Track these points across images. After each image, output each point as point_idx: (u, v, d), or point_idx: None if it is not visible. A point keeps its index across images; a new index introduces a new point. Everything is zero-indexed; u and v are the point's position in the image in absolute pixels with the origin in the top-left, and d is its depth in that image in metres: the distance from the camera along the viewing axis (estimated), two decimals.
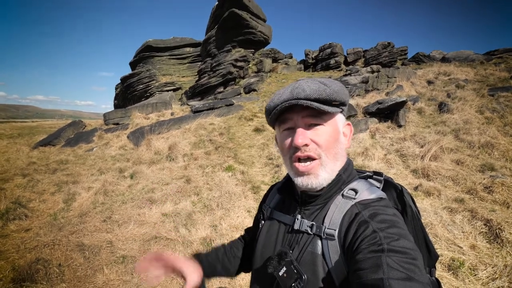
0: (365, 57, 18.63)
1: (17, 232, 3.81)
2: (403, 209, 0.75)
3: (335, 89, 0.70)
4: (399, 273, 0.51)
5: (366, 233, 0.60)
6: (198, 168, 5.91)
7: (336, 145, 0.73)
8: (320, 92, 0.68)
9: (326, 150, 0.71)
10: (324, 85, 0.70)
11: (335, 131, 0.73)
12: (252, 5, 15.01)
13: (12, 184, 5.57)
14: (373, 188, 0.74)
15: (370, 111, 7.54)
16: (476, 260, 2.88)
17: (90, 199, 4.89)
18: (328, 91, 0.68)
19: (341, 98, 0.71)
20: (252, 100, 11.43)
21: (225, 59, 14.61)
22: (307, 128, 0.72)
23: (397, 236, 0.57)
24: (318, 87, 0.69)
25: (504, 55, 14.02)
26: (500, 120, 6.75)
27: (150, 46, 19.41)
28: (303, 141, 0.70)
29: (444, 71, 11.14)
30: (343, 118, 0.77)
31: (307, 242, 0.72)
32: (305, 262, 0.69)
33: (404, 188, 0.78)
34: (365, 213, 0.66)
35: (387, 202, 0.71)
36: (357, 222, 0.65)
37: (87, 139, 8.99)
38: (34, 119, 38.50)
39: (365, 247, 0.58)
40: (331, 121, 0.73)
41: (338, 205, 0.72)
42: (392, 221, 0.62)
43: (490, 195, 4.07)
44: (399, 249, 0.55)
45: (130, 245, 3.48)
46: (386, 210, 0.66)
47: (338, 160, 0.74)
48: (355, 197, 0.71)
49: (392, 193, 0.79)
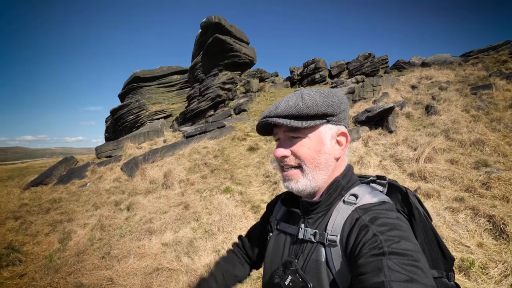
0: (349, 69, 19.21)
1: (11, 279, 3.61)
2: (410, 212, 0.74)
3: (308, 104, 0.70)
4: (401, 275, 0.50)
5: (367, 237, 0.60)
6: (196, 193, 5.83)
7: (318, 155, 0.73)
8: (290, 109, 0.70)
9: (305, 160, 0.73)
10: (301, 99, 0.72)
11: (317, 142, 0.73)
12: (234, 29, 15.50)
13: (4, 228, 5.36)
14: (375, 192, 0.74)
15: (360, 120, 7.67)
16: (485, 258, 2.84)
17: (87, 236, 4.73)
18: (299, 107, 0.70)
19: (318, 110, 0.70)
20: (243, 120, 11.52)
21: (212, 83, 14.84)
22: (288, 139, 0.75)
23: (398, 238, 0.57)
24: (293, 102, 0.71)
25: (480, 55, 14.62)
26: (486, 116, 6.94)
27: (138, 77, 19.65)
28: (280, 153, 0.75)
29: (425, 75, 11.51)
30: (333, 128, 0.75)
31: (311, 250, 0.71)
32: (310, 270, 0.69)
33: (409, 190, 0.78)
34: (365, 217, 0.66)
35: (390, 205, 0.71)
36: (357, 227, 0.65)
37: (79, 175, 8.83)
38: (24, 159, 37.74)
39: (366, 251, 0.58)
40: (314, 133, 0.73)
41: (340, 211, 0.72)
42: (393, 224, 0.61)
43: (488, 191, 4.09)
44: (400, 251, 0.54)
45: (131, 280, 3.33)
46: (387, 214, 0.65)
47: (322, 170, 0.74)
48: (355, 202, 0.71)
49: (397, 196, 0.78)
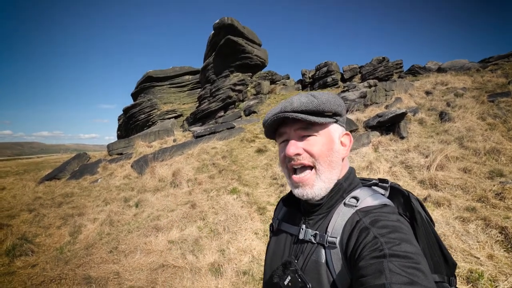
0: (361, 73, 18.96)
1: (24, 269, 3.75)
2: (411, 216, 0.73)
3: (323, 100, 0.72)
4: (402, 277, 0.50)
5: (367, 239, 0.61)
6: (203, 193, 5.88)
7: (330, 153, 0.74)
8: (307, 104, 0.71)
9: (319, 158, 0.73)
10: (313, 97, 0.73)
11: (329, 140, 0.75)
12: (247, 31, 15.60)
13: (18, 220, 5.56)
14: (377, 195, 0.74)
15: (370, 125, 7.57)
16: (495, 271, 2.76)
17: (96, 230, 4.85)
18: (315, 103, 0.71)
19: (331, 108, 0.73)
20: (253, 122, 11.56)
21: (223, 84, 14.97)
22: (300, 139, 0.75)
23: (399, 240, 0.57)
24: (307, 100, 0.72)
25: (499, 62, 14.14)
26: (503, 125, 6.73)
27: (150, 76, 20.03)
28: (294, 151, 0.73)
29: (441, 81, 11.26)
30: (339, 128, 0.78)
31: (311, 251, 0.72)
32: (310, 271, 0.69)
33: (411, 194, 0.77)
34: (365, 220, 0.66)
35: (391, 208, 0.71)
36: (358, 230, 0.65)
37: (91, 171, 9.05)
38: (39, 154, 38.85)
39: (366, 253, 0.58)
40: (324, 131, 0.75)
41: (340, 213, 0.72)
42: (394, 227, 0.62)
43: (502, 201, 3.97)
44: (401, 253, 0.54)
45: (137, 275, 3.40)
46: (388, 216, 0.65)
47: (335, 169, 0.75)
48: (356, 205, 0.72)
49: (399, 200, 0.78)
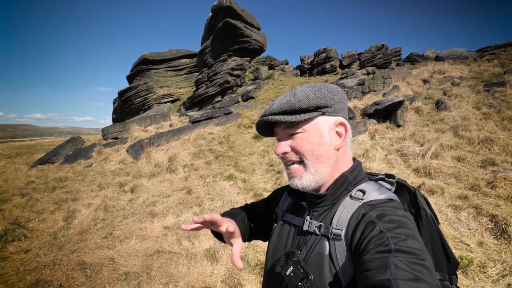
0: (360, 60, 18.80)
1: (16, 254, 3.73)
2: (416, 212, 0.74)
3: (300, 98, 0.74)
4: (407, 273, 0.50)
5: (373, 233, 0.60)
6: (199, 179, 5.87)
7: (317, 147, 0.75)
8: (283, 105, 0.75)
9: (305, 153, 0.75)
10: (293, 95, 0.76)
11: (315, 134, 0.76)
12: (246, 14, 15.19)
13: (10, 204, 5.51)
14: (383, 189, 0.74)
15: (368, 113, 7.54)
16: (484, 257, 2.83)
17: (91, 215, 4.84)
18: (291, 102, 0.74)
19: (310, 103, 0.73)
20: (250, 107, 11.45)
21: (221, 69, 14.70)
22: (288, 137, 0.79)
23: (405, 236, 0.57)
24: (287, 99, 0.75)
25: (496, 51, 14.12)
26: (498, 115, 6.76)
27: (146, 59, 19.57)
28: (280, 150, 0.78)
29: (438, 69, 11.21)
30: (328, 119, 0.77)
31: (314, 243, 0.72)
32: (312, 262, 0.69)
33: (417, 191, 0.77)
34: (372, 213, 0.66)
35: (397, 203, 0.71)
36: (364, 223, 0.65)
37: (86, 155, 8.96)
38: (32, 137, 38.34)
39: (372, 247, 0.58)
40: (309, 126, 0.76)
41: (346, 206, 0.72)
42: (400, 222, 0.61)
43: (493, 190, 4.03)
44: (407, 249, 0.54)
45: (132, 261, 3.42)
46: (394, 211, 0.65)
47: (323, 162, 0.76)
48: (362, 198, 0.71)
49: (405, 196, 0.78)
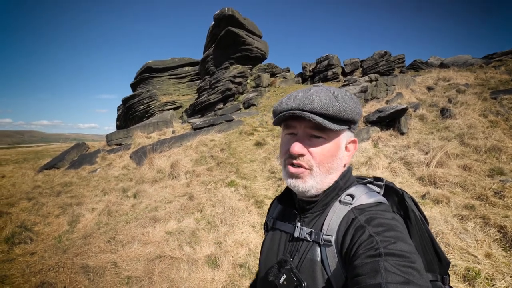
0: (363, 67, 18.80)
1: (22, 256, 3.77)
2: (405, 214, 0.74)
3: (345, 107, 0.67)
4: (398, 276, 0.50)
5: (363, 238, 0.60)
6: (201, 185, 5.87)
7: (332, 160, 0.72)
8: (327, 108, 0.65)
9: (319, 163, 0.70)
10: (335, 99, 0.67)
11: (335, 147, 0.71)
12: (247, 22, 15.37)
13: (17, 208, 5.57)
14: (372, 193, 0.73)
15: (371, 120, 7.51)
16: (492, 270, 2.75)
17: (94, 220, 4.85)
18: (336, 108, 0.66)
19: (351, 116, 0.68)
20: (252, 114, 11.49)
21: (223, 76, 14.83)
22: (307, 138, 0.71)
23: (394, 239, 0.56)
24: (329, 101, 0.66)
25: (503, 58, 13.98)
26: (505, 123, 6.68)
27: (150, 67, 19.86)
28: (298, 151, 0.69)
29: (443, 76, 11.14)
30: (349, 135, 0.74)
31: (306, 249, 0.71)
32: (305, 269, 0.68)
33: (405, 193, 0.77)
34: (361, 218, 0.65)
35: (386, 206, 0.70)
36: (353, 228, 0.64)
37: (90, 161, 9.03)
38: (39, 143, 38.85)
39: (362, 252, 0.57)
40: (334, 136, 0.71)
41: (336, 211, 0.71)
42: (390, 225, 0.61)
43: (501, 200, 3.95)
44: (397, 252, 0.54)
45: (134, 265, 3.41)
46: (383, 214, 0.64)
47: (331, 174, 0.73)
48: (352, 202, 0.70)
49: (393, 198, 0.78)
